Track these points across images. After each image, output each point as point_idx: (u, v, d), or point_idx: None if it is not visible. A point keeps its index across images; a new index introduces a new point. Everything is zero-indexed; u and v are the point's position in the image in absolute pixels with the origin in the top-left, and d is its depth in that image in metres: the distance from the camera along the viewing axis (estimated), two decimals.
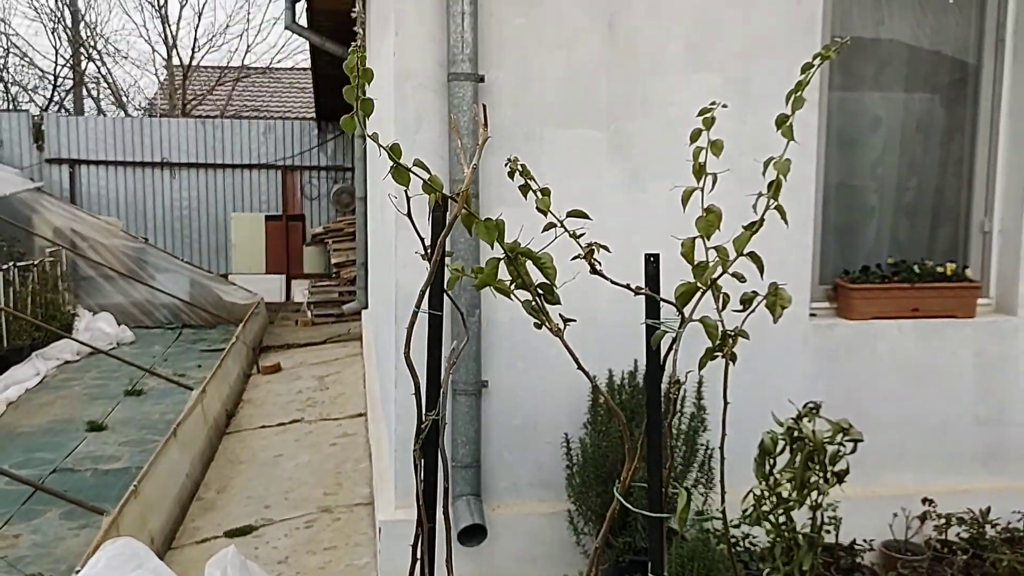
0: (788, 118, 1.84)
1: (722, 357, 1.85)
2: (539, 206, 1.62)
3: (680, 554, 2.97)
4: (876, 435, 3.72)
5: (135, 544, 3.22)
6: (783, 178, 1.79)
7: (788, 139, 1.82)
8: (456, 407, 3.35)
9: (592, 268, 1.64)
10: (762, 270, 1.81)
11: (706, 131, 1.95)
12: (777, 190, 1.80)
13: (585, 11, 3.34)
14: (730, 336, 1.82)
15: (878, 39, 3.85)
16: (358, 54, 1.48)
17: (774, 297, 1.85)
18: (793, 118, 1.88)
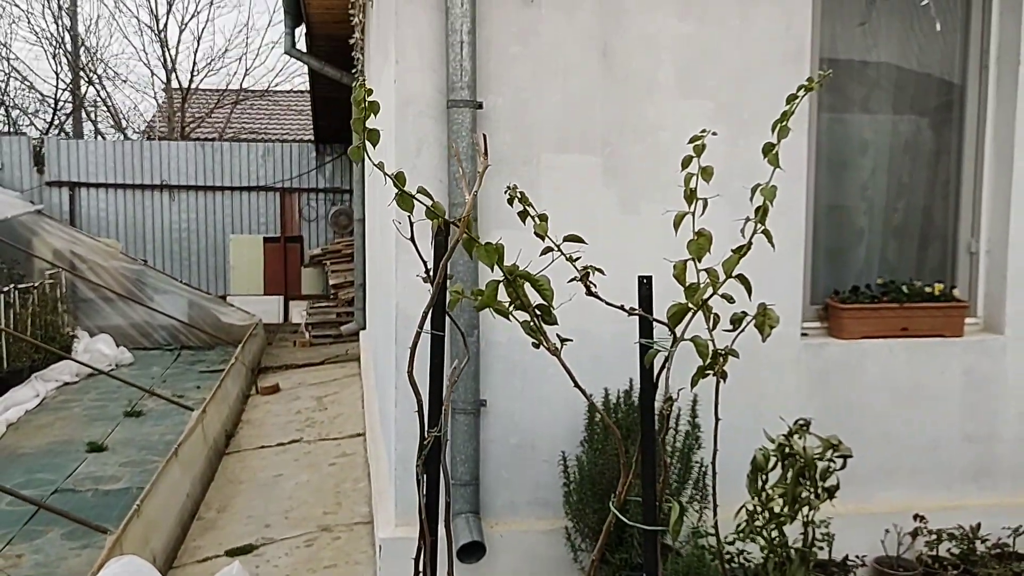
0: (774, 146, 1.92)
1: (713, 375, 1.91)
2: (537, 231, 1.70)
3: (675, 569, 3.03)
4: (868, 452, 3.80)
5: (139, 562, 3.27)
6: (770, 203, 1.86)
7: (774, 166, 1.90)
8: (455, 426, 3.41)
9: (588, 290, 1.71)
10: (750, 292, 1.88)
11: (696, 157, 2.03)
12: (764, 215, 1.88)
13: (579, 40, 3.44)
14: (721, 355, 1.89)
15: (866, 63, 3.95)
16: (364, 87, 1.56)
17: (763, 317, 1.93)
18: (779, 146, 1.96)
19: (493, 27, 3.37)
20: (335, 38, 7.95)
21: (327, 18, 7.54)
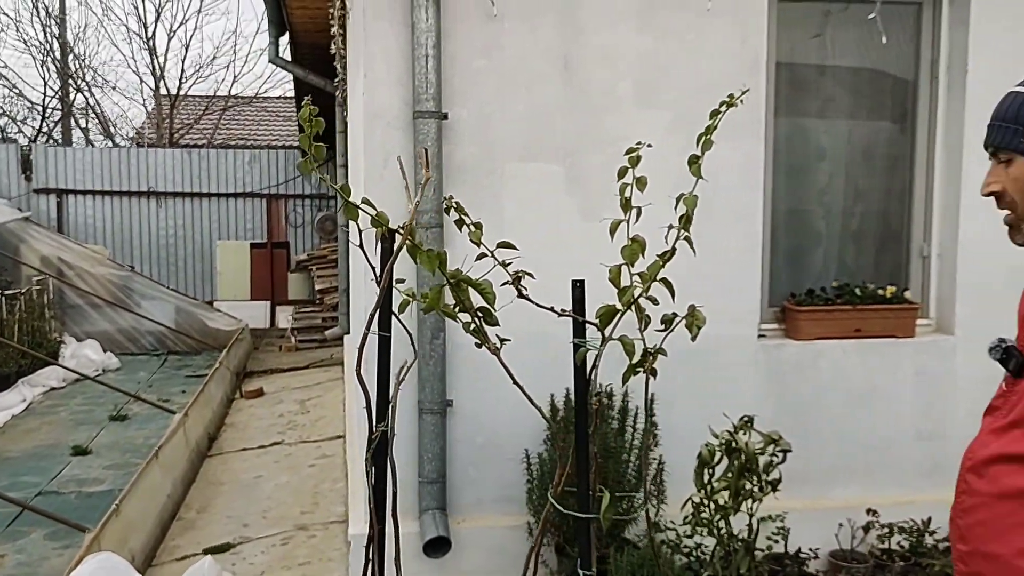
0: (699, 159, 2.05)
1: (643, 372, 2.04)
2: (472, 239, 1.82)
3: (631, 561, 3.16)
4: (823, 450, 3.95)
5: (115, 558, 3.38)
6: (691, 214, 1.99)
7: (697, 178, 2.03)
8: (423, 425, 3.53)
9: (519, 293, 1.84)
10: (673, 295, 2.00)
11: (632, 168, 2.16)
12: (687, 223, 2.00)
13: (542, 54, 3.58)
14: (650, 353, 2.02)
15: (823, 73, 4.09)
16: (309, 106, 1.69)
17: (691, 318, 2.05)
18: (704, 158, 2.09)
19: (458, 41, 3.51)
20: (318, 47, 8.08)
21: (310, 27, 7.67)
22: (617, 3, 3.61)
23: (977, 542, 1.50)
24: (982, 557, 1.48)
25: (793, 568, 3.59)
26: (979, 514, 1.49)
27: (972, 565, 1.52)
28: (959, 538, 1.55)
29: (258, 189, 11.58)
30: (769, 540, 3.68)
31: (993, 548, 1.45)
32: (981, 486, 1.50)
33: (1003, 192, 1.50)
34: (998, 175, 1.51)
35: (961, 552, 1.54)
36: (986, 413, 1.59)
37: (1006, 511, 1.43)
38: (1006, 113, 1.49)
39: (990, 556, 1.46)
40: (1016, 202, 1.48)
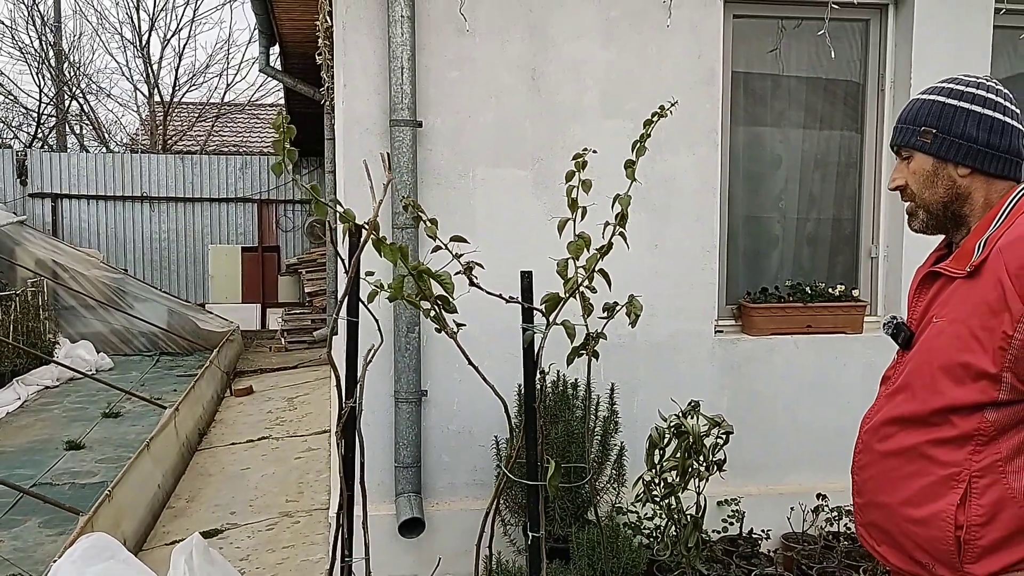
0: (633, 164, 2.28)
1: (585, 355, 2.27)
2: (427, 233, 2.06)
3: (590, 538, 3.39)
4: (778, 439, 4.19)
5: (107, 538, 3.59)
6: (626, 212, 2.22)
7: (631, 180, 2.26)
8: (399, 414, 3.77)
9: (470, 281, 2.08)
10: (610, 285, 2.24)
11: (578, 172, 2.39)
12: (623, 220, 2.23)
13: (511, 66, 3.83)
14: (592, 338, 2.26)
15: (778, 85, 4.35)
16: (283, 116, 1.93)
17: (630, 306, 2.29)
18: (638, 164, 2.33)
19: (432, 54, 3.75)
20: (307, 57, 8.31)
21: (298, 38, 7.92)
22: (582, 19, 3.87)
23: (870, 494, 1.74)
24: (875, 507, 1.72)
25: (746, 548, 3.83)
26: (872, 470, 1.74)
27: (867, 515, 1.76)
28: (856, 492, 1.79)
29: (249, 194, 11.82)
30: (724, 523, 3.93)
31: (883, 498, 1.69)
32: (874, 444, 1.74)
33: (905, 186, 1.75)
34: (901, 171, 1.76)
35: (858, 504, 1.79)
36: (882, 382, 1.83)
37: (893, 466, 1.68)
38: (907, 116, 1.74)
39: (881, 505, 1.70)
40: (914, 193, 1.73)
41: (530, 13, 3.83)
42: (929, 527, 1.58)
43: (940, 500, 1.57)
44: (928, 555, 1.60)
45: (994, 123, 1.62)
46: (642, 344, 4.02)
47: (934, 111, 1.66)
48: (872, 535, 1.73)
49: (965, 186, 1.65)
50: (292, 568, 3.99)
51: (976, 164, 1.63)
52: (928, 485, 1.60)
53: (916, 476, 1.62)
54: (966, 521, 1.54)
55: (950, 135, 1.64)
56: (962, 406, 1.56)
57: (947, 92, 1.67)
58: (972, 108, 1.63)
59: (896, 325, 1.79)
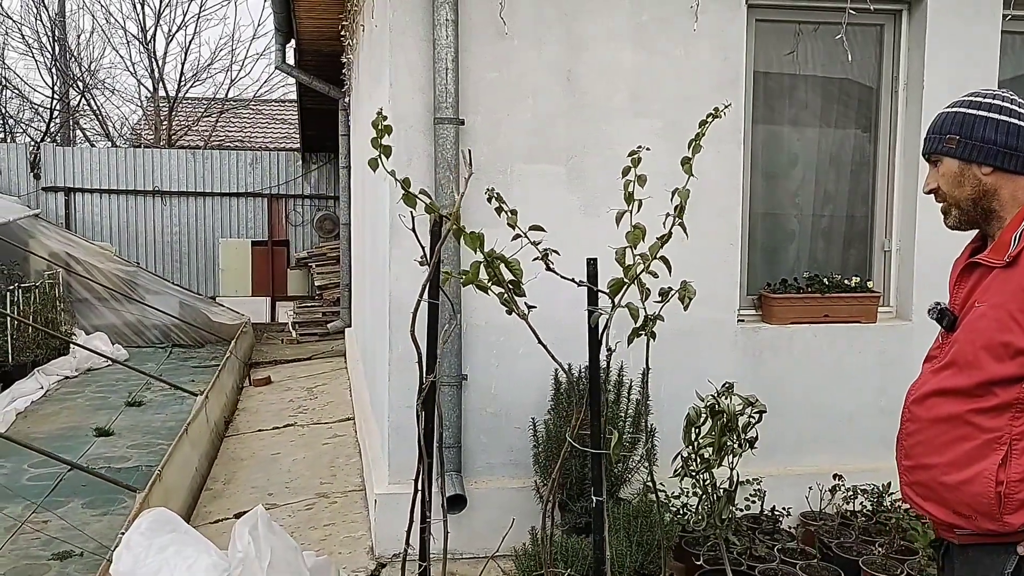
0: (689, 160, 2.49)
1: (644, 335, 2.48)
2: (509, 222, 2.27)
3: (626, 512, 3.61)
4: (795, 422, 4.42)
5: (169, 513, 3.79)
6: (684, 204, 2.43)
7: (688, 175, 2.48)
8: (441, 397, 3.96)
9: (547, 266, 2.28)
10: (670, 269, 2.45)
11: (634, 168, 2.60)
12: (680, 212, 2.45)
13: (546, 67, 4.03)
14: (650, 319, 2.47)
15: (796, 86, 4.57)
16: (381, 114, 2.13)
17: (684, 291, 2.50)
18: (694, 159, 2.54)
19: (473, 56, 3.95)
20: (323, 54, 8.50)
21: (317, 35, 8.09)
22: (614, 24, 4.07)
23: (918, 457, 1.95)
24: (922, 468, 1.94)
25: (768, 525, 4.05)
26: (919, 436, 1.95)
27: (914, 475, 1.98)
28: (904, 456, 2.01)
29: (260, 189, 11.99)
30: (747, 501, 4.14)
31: (929, 460, 1.91)
32: (921, 413, 1.96)
33: (937, 188, 1.97)
34: (933, 176, 1.98)
35: (906, 466, 2.00)
36: (926, 361, 2.05)
37: (938, 432, 1.89)
38: (934, 127, 1.97)
39: (927, 466, 1.92)
40: (946, 193, 1.95)
41: (565, 17, 4.04)
42: (973, 484, 1.80)
43: (984, 460, 1.79)
44: (971, 508, 1.81)
45: (1010, 127, 1.84)
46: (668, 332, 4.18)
47: (957, 120, 1.89)
48: (918, 493, 1.95)
49: (990, 183, 1.87)
50: (337, 543, 4.19)
51: (997, 163, 1.85)
52: (972, 448, 1.81)
53: (961, 440, 1.83)
54: (1006, 478, 1.76)
55: (972, 139, 1.86)
56: (1003, 379, 1.77)
57: (967, 104, 1.90)
58: (990, 115, 1.86)
59: (940, 310, 2.01)
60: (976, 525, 1.81)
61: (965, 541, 1.87)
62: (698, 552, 3.63)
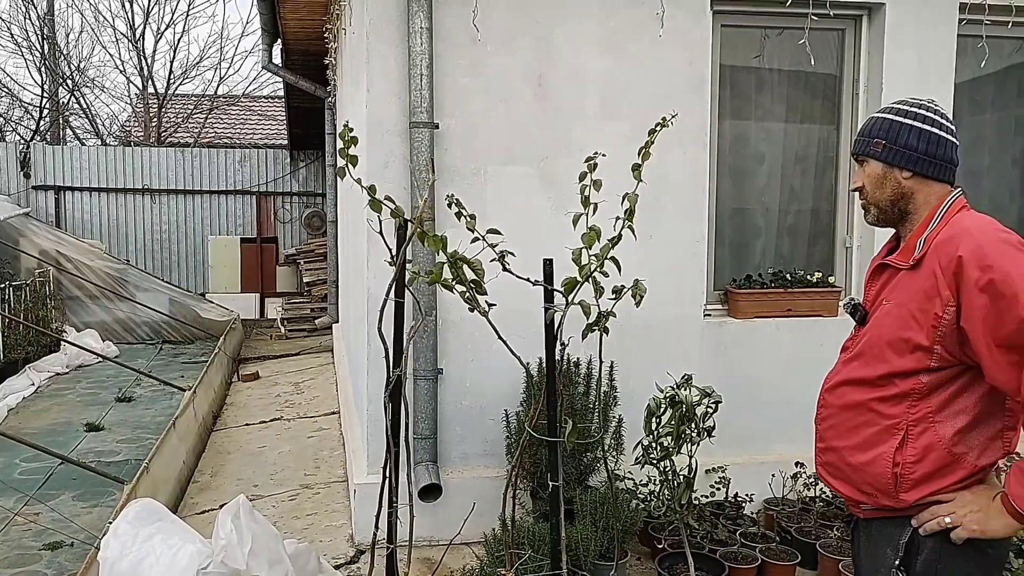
0: (639, 167, 2.65)
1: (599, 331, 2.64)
2: (468, 226, 2.42)
3: (592, 500, 3.77)
4: (760, 413, 4.59)
5: (155, 503, 3.94)
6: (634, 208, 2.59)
7: (638, 181, 2.63)
8: (417, 390, 4.13)
9: (503, 267, 2.44)
10: (620, 270, 2.61)
11: (590, 173, 2.76)
12: (630, 215, 2.60)
13: (519, 73, 4.19)
14: (603, 316, 2.63)
15: (761, 88, 4.73)
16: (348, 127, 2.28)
17: (635, 288, 2.65)
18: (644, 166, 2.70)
19: (447, 62, 4.10)
20: (309, 53, 8.63)
21: (301, 36, 8.22)
22: (584, 31, 4.23)
23: (829, 440, 2.14)
24: (831, 450, 2.12)
25: (732, 510, 4.23)
26: (830, 420, 2.13)
27: (825, 456, 2.16)
28: (818, 439, 2.19)
29: (248, 187, 12.11)
30: (712, 488, 4.33)
31: (838, 443, 2.09)
32: (832, 400, 2.14)
33: (862, 187, 2.13)
34: (859, 175, 2.14)
35: (819, 448, 2.18)
36: (841, 351, 2.23)
37: (846, 417, 2.07)
38: (864, 130, 2.13)
39: (836, 448, 2.09)
40: (869, 192, 2.11)
41: (536, 24, 4.19)
42: (874, 465, 1.97)
43: (883, 444, 1.96)
44: (872, 486, 1.99)
45: (931, 135, 2.00)
46: (637, 327, 4.39)
47: (884, 126, 2.04)
48: (829, 472, 2.13)
49: (908, 187, 2.03)
50: (319, 531, 4.35)
51: (916, 169, 2.01)
52: (874, 433, 1.99)
53: (865, 426, 2.00)
54: (902, 460, 1.93)
55: (896, 145, 2.02)
56: (902, 371, 1.95)
57: (895, 111, 2.06)
58: (914, 124, 2.01)
59: (854, 306, 2.19)
60: (877, 502, 1.99)
61: (869, 516, 2.05)
62: (661, 536, 3.80)
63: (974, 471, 1.92)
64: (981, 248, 1.82)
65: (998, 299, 1.77)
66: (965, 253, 1.82)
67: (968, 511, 1.88)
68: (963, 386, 1.91)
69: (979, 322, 1.80)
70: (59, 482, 5.37)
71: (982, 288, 1.79)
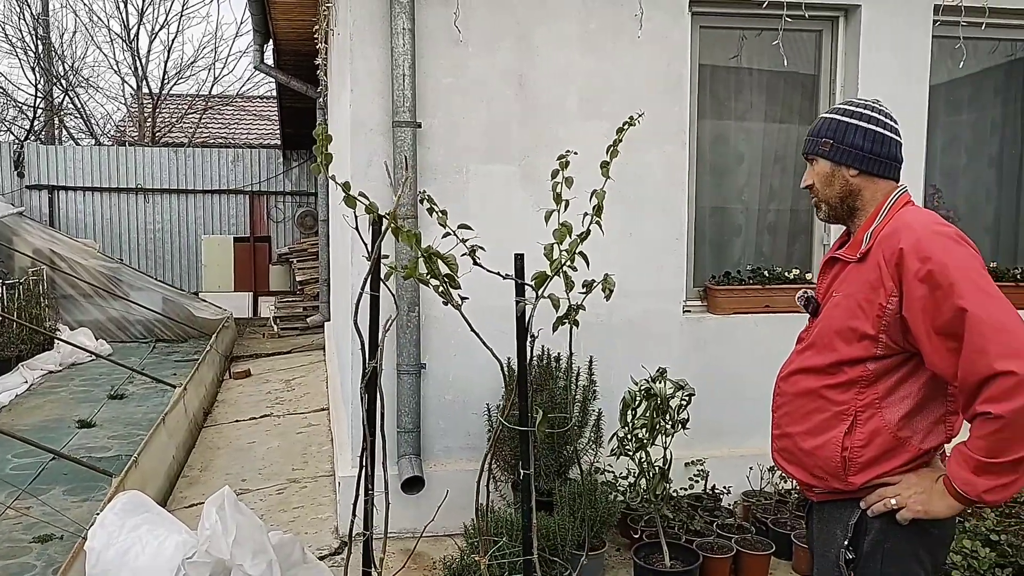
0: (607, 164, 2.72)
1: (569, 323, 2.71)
2: (440, 222, 2.50)
3: (571, 490, 3.85)
4: (739, 407, 4.67)
5: (142, 495, 4.02)
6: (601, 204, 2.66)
7: (606, 178, 2.70)
8: (401, 384, 4.21)
9: (474, 261, 2.52)
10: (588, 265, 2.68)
11: (562, 171, 2.83)
12: (599, 211, 2.67)
13: (500, 73, 4.27)
14: (573, 309, 2.70)
15: (740, 88, 4.81)
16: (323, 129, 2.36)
17: (605, 283, 2.73)
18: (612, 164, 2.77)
19: (430, 62, 4.18)
20: (300, 54, 8.71)
21: (292, 36, 8.30)
22: (564, 31, 4.31)
23: (784, 426, 2.22)
24: (786, 436, 2.21)
25: (710, 502, 4.31)
26: (785, 408, 2.22)
27: (780, 442, 2.24)
28: (774, 425, 2.27)
29: (241, 186, 12.19)
30: (691, 481, 4.41)
31: (791, 429, 2.17)
32: (787, 388, 2.22)
33: (812, 184, 2.21)
34: (809, 173, 2.22)
35: (775, 434, 2.27)
36: (796, 342, 2.31)
37: (799, 404, 2.15)
38: (812, 131, 2.21)
39: (790, 435, 2.18)
40: (819, 190, 2.19)
41: (517, 25, 4.27)
42: (824, 449, 2.06)
43: (833, 430, 2.05)
44: (823, 470, 2.07)
45: (876, 135, 2.08)
46: (618, 322, 4.48)
47: (832, 126, 2.12)
48: (784, 457, 2.21)
49: (855, 184, 2.11)
50: (304, 524, 4.43)
51: (862, 167, 2.09)
52: (824, 419, 2.07)
53: (816, 412, 2.09)
54: (851, 444, 2.02)
55: (843, 144, 2.10)
56: (850, 360, 2.03)
57: (842, 111, 2.14)
58: (860, 124, 2.09)
59: (807, 299, 2.28)
60: (827, 485, 2.08)
61: (821, 499, 2.14)
62: (638, 527, 3.88)
63: (918, 454, 2.00)
64: (920, 241, 1.90)
65: (936, 289, 1.85)
66: (906, 246, 1.91)
67: (912, 493, 1.96)
68: (907, 373, 2.00)
69: (919, 311, 1.88)
70: (50, 477, 5.44)
71: (922, 279, 1.87)
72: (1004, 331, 1.79)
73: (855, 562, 2.04)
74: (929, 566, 2.04)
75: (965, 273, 1.84)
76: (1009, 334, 1.78)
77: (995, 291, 1.85)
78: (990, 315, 1.80)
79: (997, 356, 1.77)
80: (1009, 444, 1.78)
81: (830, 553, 2.10)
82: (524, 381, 2.68)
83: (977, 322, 1.79)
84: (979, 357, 1.79)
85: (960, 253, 1.89)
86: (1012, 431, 1.77)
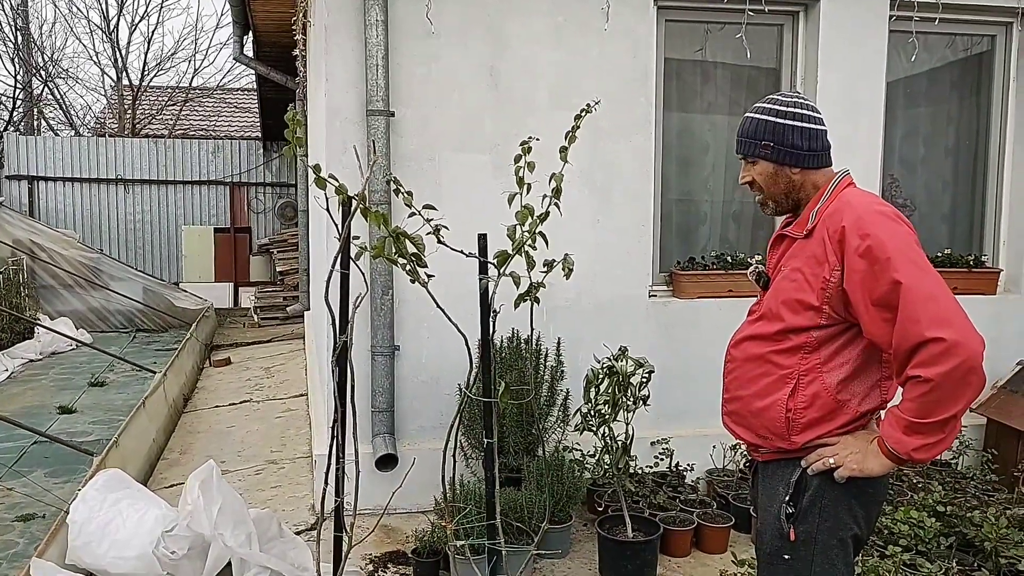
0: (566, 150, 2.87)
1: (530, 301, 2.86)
2: (405, 202, 2.63)
3: (539, 466, 4.01)
4: (703, 388, 4.81)
5: (122, 474, 4.14)
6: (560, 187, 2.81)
7: (564, 162, 2.85)
8: (375, 365, 4.34)
9: (437, 239, 2.66)
10: (547, 243, 2.83)
11: (524, 156, 2.97)
12: (557, 193, 2.82)
13: (472, 64, 4.40)
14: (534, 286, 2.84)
15: (706, 80, 4.97)
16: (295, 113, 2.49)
17: (564, 263, 2.87)
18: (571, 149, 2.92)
19: (403, 53, 4.31)
20: (279, 45, 8.80)
21: (272, 28, 8.39)
22: (534, 25, 4.45)
23: (733, 391, 2.37)
24: (736, 400, 2.36)
25: (674, 479, 4.48)
26: (735, 373, 2.37)
27: (730, 406, 2.40)
28: (725, 390, 2.43)
29: (222, 177, 12.24)
30: (656, 459, 4.57)
31: (740, 392, 2.33)
32: (737, 355, 2.38)
33: (753, 181, 2.36)
34: (748, 171, 2.36)
35: (725, 399, 2.42)
36: (748, 314, 2.47)
37: (748, 369, 2.31)
38: (748, 132, 2.33)
39: (739, 398, 2.33)
40: (762, 188, 2.34)
41: (488, 18, 4.40)
42: (769, 411, 2.21)
43: (778, 392, 2.20)
44: (768, 431, 2.23)
45: (810, 131, 2.24)
46: (586, 306, 4.64)
47: (769, 128, 2.26)
48: (733, 420, 2.37)
49: (798, 180, 2.26)
50: (282, 502, 4.56)
51: (803, 164, 2.25)
52: (770, 382, 2.23)
53: (763, 376, 2.24)
54: (793, 406, 2.17)
55: (783, 146, 2.24)
56: (795, 328, 2.18)
57: (774, 112, 2.27)
58: (795, 124, 2.24)
59: (758, 273, 2.43)
60: (772, 444, 2.24)
61: (766, 459, 2.30)
62: (602, 501, 4.04)
63: (856, 417, 2.16)
64: (861, 219, 2.06)
65: (874, 263, 2.00)
66: (847, 223, 2.07)
67: (849, 452, 2.13)
68: (847, 341, 2.16)
69: (858, 284, 2.04)
70: (32, 460, 5.54)
71: (861, 254, 2.03)
72: (934, 301, 1.94)
73: (795, 516, 2.20)
74: (862, 521, 2.20)
75: (901, 249, 2.00)
76: (939, 304, 1.94)
77: (927, 266, 2.01)
78: (922, 287, 1.95)
79: (928, 324, 1.92)
80: (937, 406, 1.94)
81: (772, 508, 2.26)
82: (488, 354, 2.82)
83: (910, 293, 1.95)
84: (912, 325, 1.94)
85: (897, 230, 2.04)
86: (940, 393, 1.93)
